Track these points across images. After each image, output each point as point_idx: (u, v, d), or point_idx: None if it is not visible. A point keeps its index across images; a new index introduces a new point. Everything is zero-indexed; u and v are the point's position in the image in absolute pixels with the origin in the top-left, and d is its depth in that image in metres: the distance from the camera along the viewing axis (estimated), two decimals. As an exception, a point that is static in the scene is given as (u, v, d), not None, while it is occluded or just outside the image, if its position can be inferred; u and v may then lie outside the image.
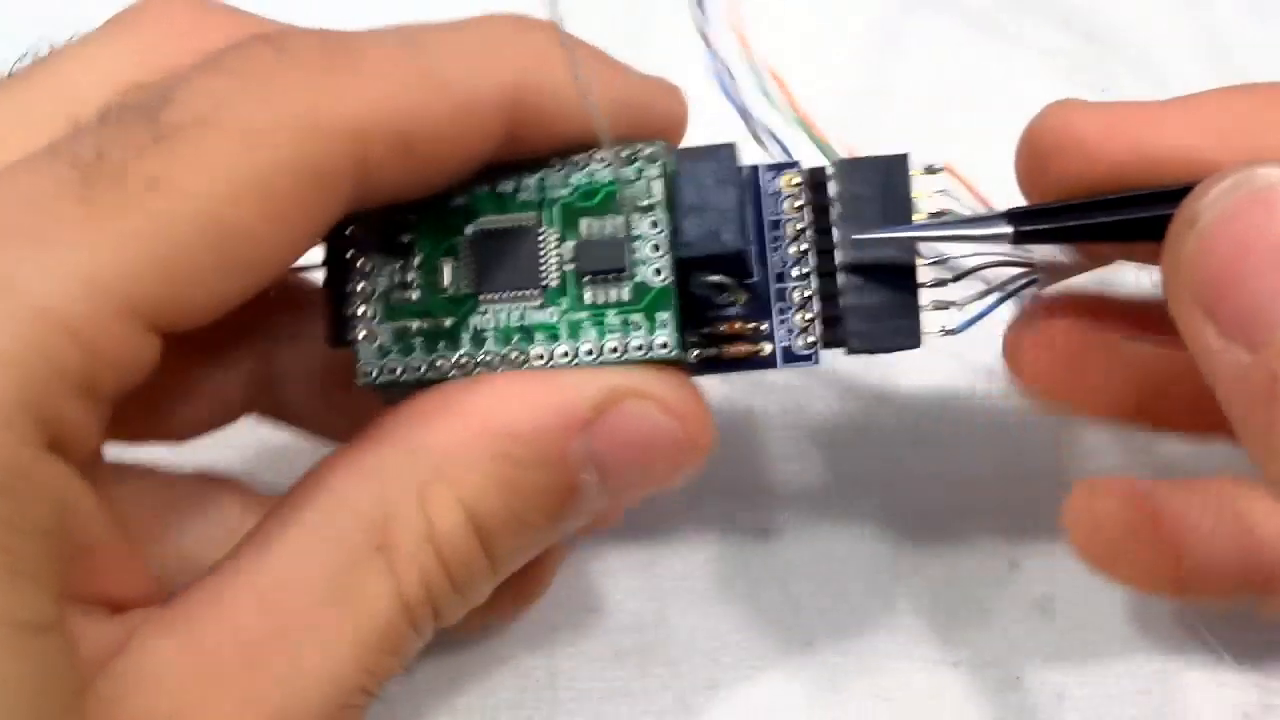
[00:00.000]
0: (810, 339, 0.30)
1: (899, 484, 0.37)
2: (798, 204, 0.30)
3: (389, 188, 0.27)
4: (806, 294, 0.30)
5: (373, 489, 0.27)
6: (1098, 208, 0.27)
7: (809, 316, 0.30)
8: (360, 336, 0.29)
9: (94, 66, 0.28)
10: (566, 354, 0.28)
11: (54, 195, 0.24)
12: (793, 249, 0.30)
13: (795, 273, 0.30)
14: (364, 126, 0.26)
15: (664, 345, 0.28)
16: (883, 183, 0.30)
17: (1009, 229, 0.28)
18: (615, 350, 0.28)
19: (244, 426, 0.34)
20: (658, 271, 0.28)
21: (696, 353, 0.30)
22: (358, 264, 0.29)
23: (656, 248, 0.28)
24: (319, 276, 0.30)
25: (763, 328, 0.30)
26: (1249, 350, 0.24)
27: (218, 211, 0.24)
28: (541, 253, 0.28)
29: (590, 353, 0.28)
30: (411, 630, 0.27)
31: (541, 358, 0.28)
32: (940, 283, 0.30)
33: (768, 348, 0.30)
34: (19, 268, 0.23)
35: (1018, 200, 0.30)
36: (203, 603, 0.26)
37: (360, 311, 0.29)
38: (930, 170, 0.30)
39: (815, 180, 0.30)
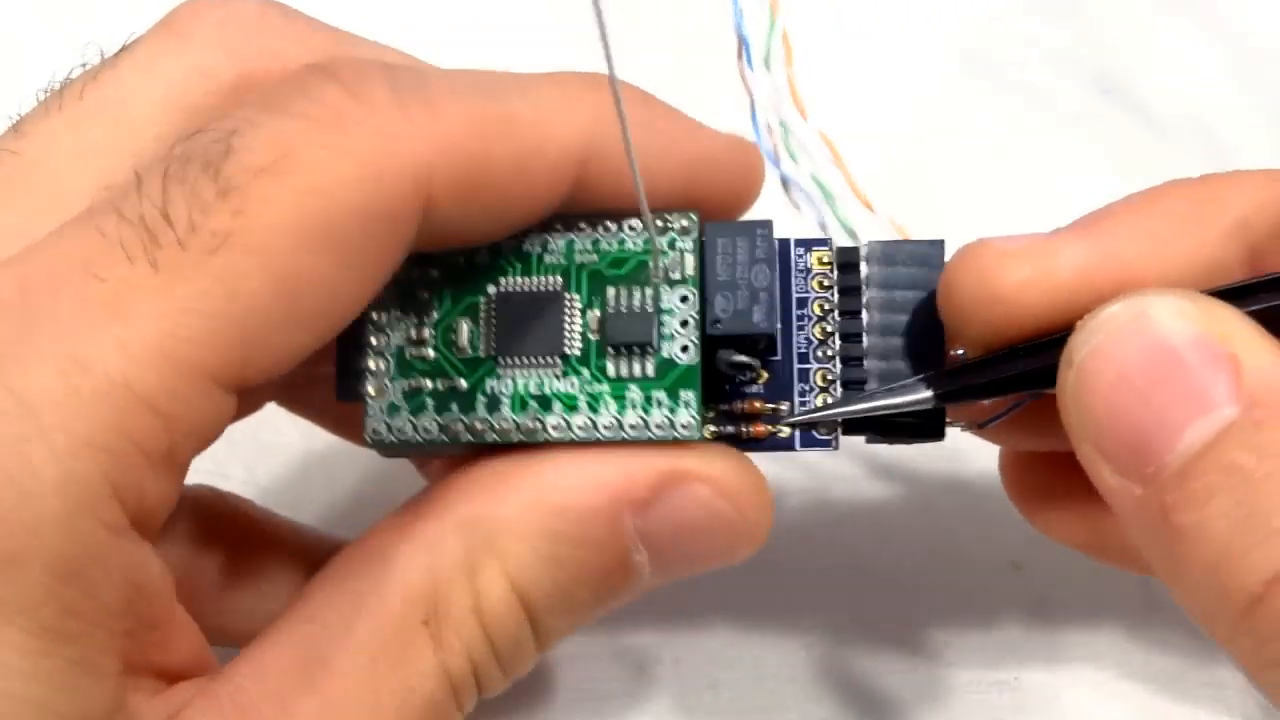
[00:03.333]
0: (831, 424, 0.29)
1: (899, 482, 0.37)
2: (826, 283, 0.29)
3: (450, 231, 0.26)
4: (829, 377, 0.29)
5: (422, 561, 0.26)
6: (1012, 358, 0.27)
7: (830, 400, 0.29)
8: (370, 393, 0.28)
9: (148, 83, 0.27)
10: (584, 427, 0.27)
11: (122, 260, 0.23)
12: (817, 329, 0.29)
13: (819, 354, 0.29)
14: (432, 166, 0.25)
15: (685, 426, 0.27)
16: (917, 268, 0.29)
17: (928, 393, 0.28)
18: (634, 427, 0.27)
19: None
20: (684, 349, 0.27)
21: (713, 429, 0.29)
22: (373, 316, 0.28)
23: (685, 323, 0.28)
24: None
25: (782, 408, 0.29)
26: (1140, 485, 0.23)
27: (287, 265, 0.24)
28: (566, 320, 0.28)
29: (608, 427, 0.27)
30: (454, 705, 0.27)
31: (558, 428, 0.27)
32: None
33: (786, 430, 0.29)
34: (92, 344, 0.22)
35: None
36: (248, 680, 0.26)
37: (372, 366, 0.28)
38: (965, 258, 0.29)
39: (846, 260, 0.29)
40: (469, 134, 0.25)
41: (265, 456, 0.35)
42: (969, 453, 0.34)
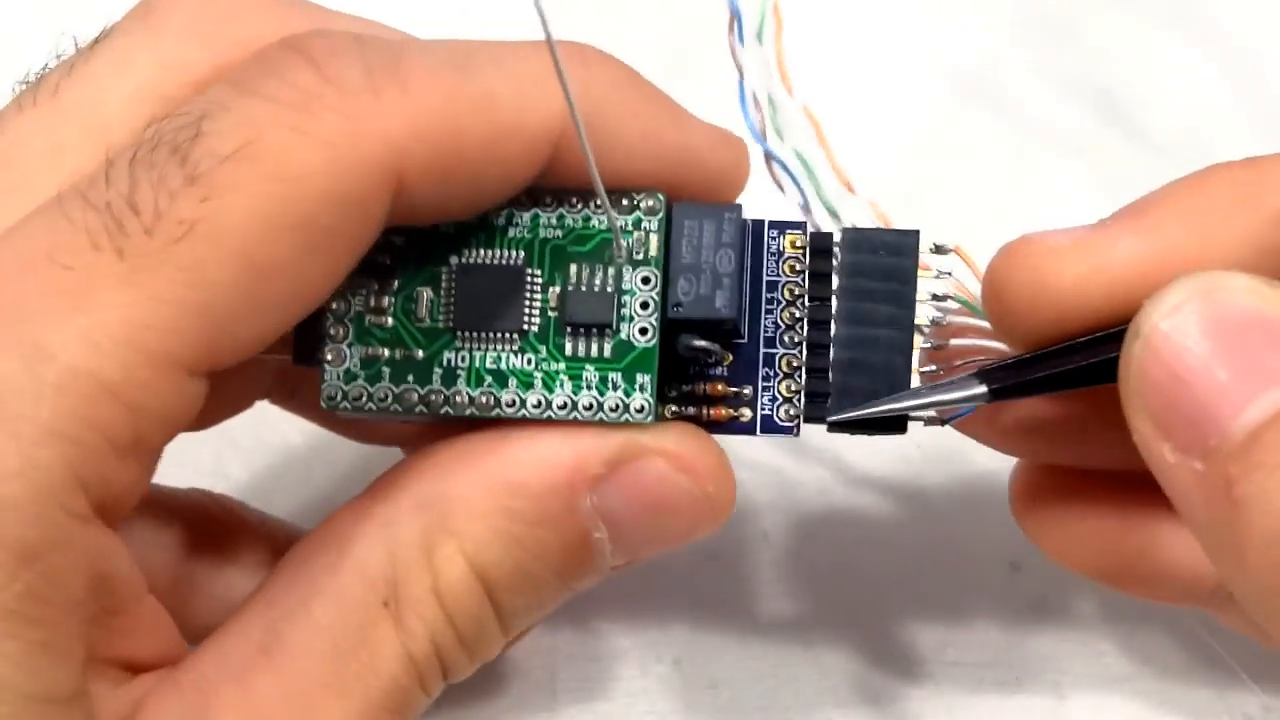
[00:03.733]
0: (793, 411, 0.29)
1: (898, 483, 0.37)
2: (798, 268, 0.29)
3: (423, 209, 0.26)
4: (795, 363, 0.28)
5: (381, 543, 0.27)
6: (1070, 353, 0.26)
7: (794, 387, 0.29)
8: (328, 358, 0.28)
9: (122, 78, 0.27)
10: (539, 405, 0.27)
11: (88, 248, 0.23)
12: (786, 314, 0.29)
13: (786, 339, 0.29)
14: (404, 148, 0.24)
15: (640, 409, 0.27)
16: (889, 257, 0.28)
17: (983, 388, 0.27)
18: (589, 408, 0.27)
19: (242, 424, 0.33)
20: (643, 331, 0.27)
21: (674, 409, 0.29)
22: None
23: (645, 305, 0.27)
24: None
25: (745, 392, 0.29)
26: (1201, 459, 0.23)
27: (254, 252, 0.23)
28: (527, 295, 0.27)
29: (564, 407, 0.27)
30: (419, 688, 0.27)
31: (513, 404, 0.27)
32: (932, 372, 0.29)
33: (748, 414, 0.29)
34: (56, 333, 0.23)
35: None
36: (210, 667, 0.26)
37: (331, 331, 0.28)
38: (939, 249, 0.29)
39: (820, 246, 0.29)
40: (443, 114, 0.25)
41: (266, 456, 0.35)
42: (968, 453, 0.34)
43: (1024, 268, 0.26)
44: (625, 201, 0.27)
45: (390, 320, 0.28)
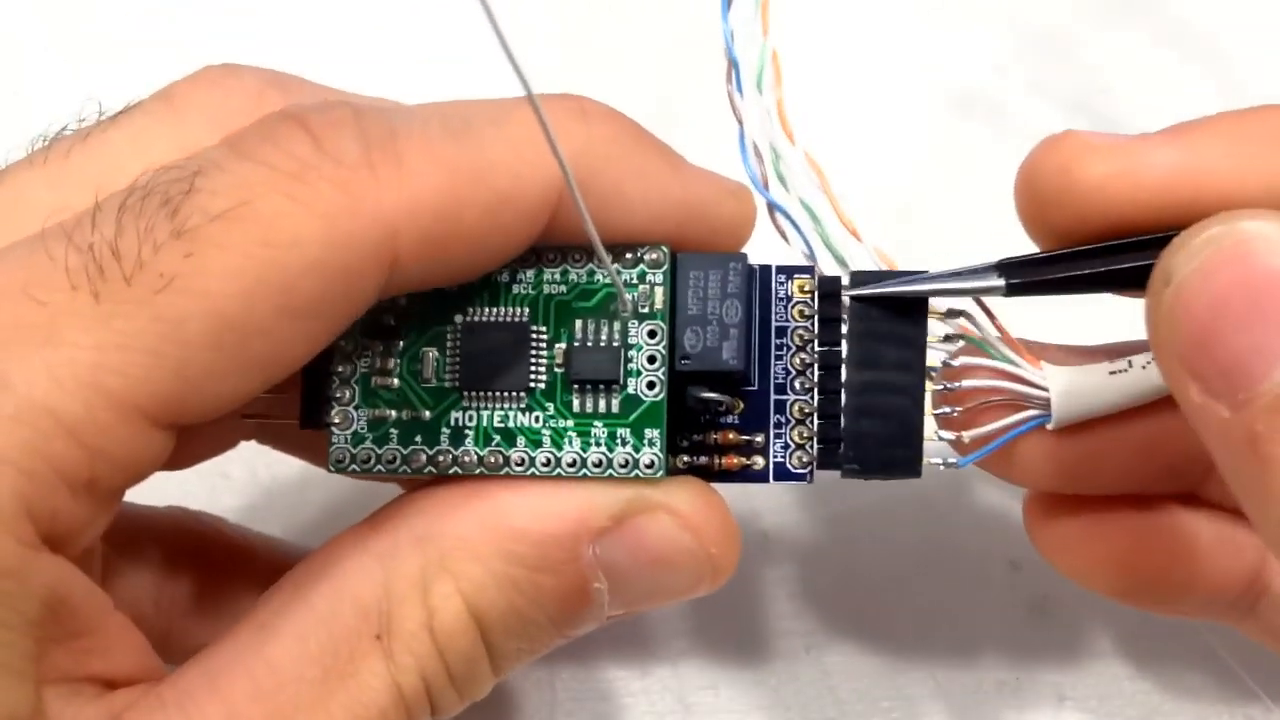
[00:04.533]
0: (805, 458, 0.28)
1: (900, 485, 0.36)
2: (807, 313, 0.28)
3: (417, 280, 0.26)
4: (806, 409, 0.28)
5: (377, 575, 0.26)
6: (1090, 256, 0.26)
7: (806, 433, 0.28)
8: (335, 421, 0.27)
9: (135, 155, 0.27)
10: (548, 463, 0.27)
11: (64, 287, 0.23)
12: (796, 360, 0.28)
13: (797, 385, 0.28)
14: (398, 227, 0.24)
15: (650, 465, 0.27)
16: (898, 301, 0.28)
17: (1000, 281, 0.27)
18: (599, 465, 0.27)
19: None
20: (651, 385, 0.27)
21: (685, 459, 0.28)
22: (339, 343, 0.27)
23: (653, 359, 0.27)
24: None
25: (757, 440, 0.28)
26: (1230, 408, 0.23)
27: (234, 312, 0.23)
28: (532, 353, 0.27)
29: (573, 464, 0.27)
30: None
31: (522, 463, 0.27)
32: (946, 414, 0.29)
33: (760, 461, 0.28)
34: (19, 364, 0.23)
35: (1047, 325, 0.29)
36: (195, 684, 0.26)
37: (337, 394, 0.27)
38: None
39: (828, 290, 0.28)
40: (440, 190, 0.25)
41: (267, 456, 0.34)
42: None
43: (1056, 160, 0.27)
44: (629, 255, 0.27)
45: (396, 381, 0.27)
